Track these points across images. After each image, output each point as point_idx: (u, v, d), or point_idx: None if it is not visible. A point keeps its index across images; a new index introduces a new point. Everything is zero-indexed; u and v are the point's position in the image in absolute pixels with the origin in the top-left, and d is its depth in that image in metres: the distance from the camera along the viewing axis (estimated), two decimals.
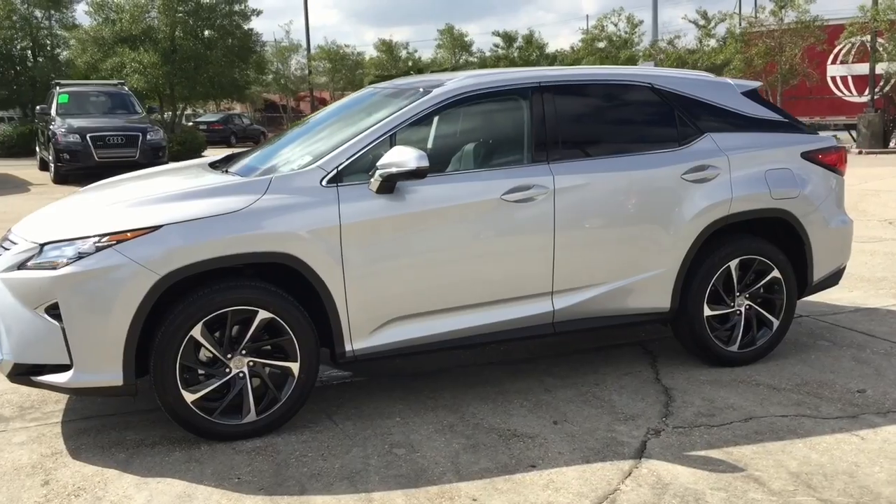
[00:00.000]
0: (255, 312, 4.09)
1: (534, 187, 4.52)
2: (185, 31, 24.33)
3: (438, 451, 4.03)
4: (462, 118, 4.86)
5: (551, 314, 4.66)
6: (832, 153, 5.31)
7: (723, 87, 5.23)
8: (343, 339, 4.27)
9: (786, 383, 4.86)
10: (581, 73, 5.06)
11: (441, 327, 4.47)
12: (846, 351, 5.42)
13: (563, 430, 4.26)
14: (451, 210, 4.40)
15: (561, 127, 4.71)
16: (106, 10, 25.10)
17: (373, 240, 4.25)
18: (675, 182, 4.84)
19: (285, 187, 4.21)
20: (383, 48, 46.57)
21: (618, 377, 5.02)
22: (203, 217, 4.00)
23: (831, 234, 5.29)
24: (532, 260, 4.57)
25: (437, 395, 4.77)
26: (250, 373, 4.16)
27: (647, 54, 31.85)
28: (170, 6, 23.88)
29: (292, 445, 4.12)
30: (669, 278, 4.87)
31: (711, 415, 4.42)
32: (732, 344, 5.10)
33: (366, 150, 4.34)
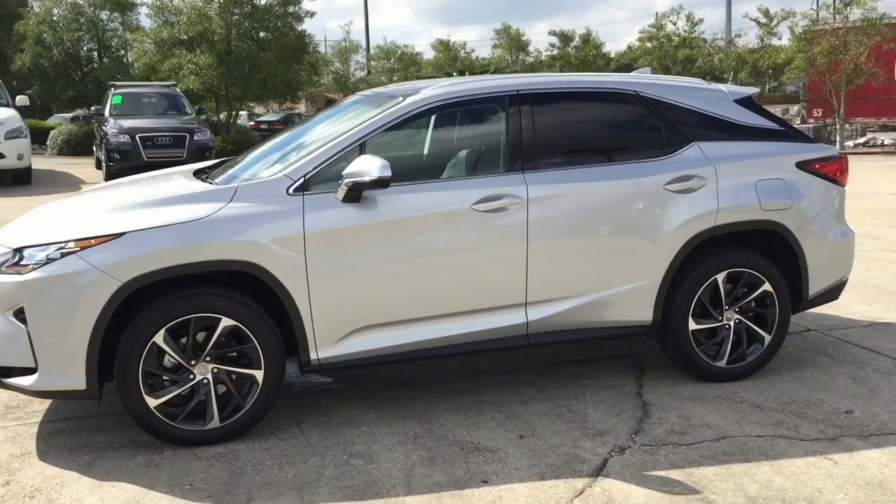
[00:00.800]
0: (219, 320, 4.12)
1: (506, 197, 4.46)
2: (241, 32, 24.70)
3: (395, 463, 4.00)
4: (437, 127, 4.82)
5: (525, 326, 4.59)
6: (831, 163, 5.11)
7: (714, 95, 5.08)
8: (308, 347, 4.28)
9: (771, 401, 4.70)
10: (562, 80, 4.97)
11: (410, 337, 4.44)
12: (845, 368, 5.22)
13: (528, 444, 4.19)
14: (420, 220, 4.37)
15: (538, 135, 4.63)
16: (165, 13, 25.67)
17: (338, 249, 4.24)
18: (657, 192, 4.72)
19: (251, 196, 4.23)
20: (441, 48, 46.65)
21: (599, 391, 4.92)
22: (165, 225, 4.05)
23: (829, 248, 5.10)
24: (505, 271, 4.51)
25: (411, 405, 4.74)
26: (215, 379, 4.19)
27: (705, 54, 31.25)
28: (226, 9, 24.31)
29: (253, 453, 4.14)
30: (651, 291, 4.76)
31: (683, 433, 4.30)
32: (720, 359, 4.95)
33: (334, 158, 4.33)
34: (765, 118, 5.11)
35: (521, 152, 4.58)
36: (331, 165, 4.32)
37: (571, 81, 4.97)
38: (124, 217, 4.12)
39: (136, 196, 4.43)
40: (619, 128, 4.92)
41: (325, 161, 4.32)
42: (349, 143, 4.38)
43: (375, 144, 4.49)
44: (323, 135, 4.69)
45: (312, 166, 4.31)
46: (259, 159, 4.93)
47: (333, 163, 4.33)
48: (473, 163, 4.71)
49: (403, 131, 4.74)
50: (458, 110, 4.73)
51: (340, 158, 4.33)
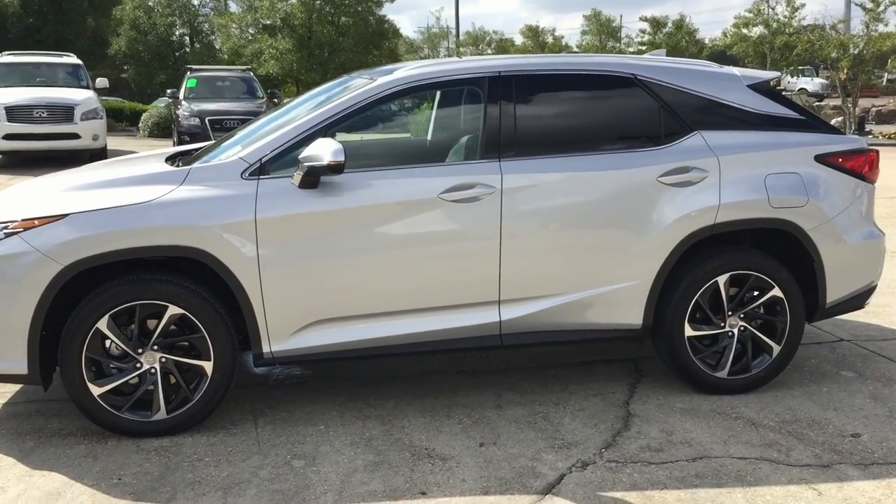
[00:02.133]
0: (166, 307, 3.95)
1: (477, 186, 4.14)
2: (321, 17, 24.83)
3: (337, 467, 3.76)
4: (412, 110, 4.52)
5: (498, 325, 4.27)
6: (857, 157, 4.59)
7: (724, 79, 4.61)
8: (260, 339, 4.07)
9: (771, 419, 4.24)
10: (551, 62, 4.59)
11: (372, 333, 4.18)
12: (868, 385, 4.70)
13: (485, 453, 3.88)
14: (383, 208, 4.10)
15: (520, 121, 4.29)
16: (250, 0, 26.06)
17: (293, 237, 4.01)
18: (649, 185, 4.31)
19: (203, 178, 4.04)
20: (529, 34, 45.97)
21: (584, 397, 4.56)
22: (109, 208, 3.90)
23: (851, 251, 4.58)
24: (475, 266, 4.20)
25: (380, 404, 4.48)
26: (163, 370, 4.03)
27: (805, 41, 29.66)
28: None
29: (197, 448, 3.96)
30: (641, 292, 4.36)
31: (659, 450, 3.91)
32: (721, 369, 4.51)
33: (295, 141, 4.10)
34: (782, 105, 4.61)
35: (498, 139, 4.24)
36: (292, 149, 4.09)
37: (561, 63, 4.59)
38: (71, 198, 3.99)
39: (92, 177, 4.30)
40: (612, 114, 4.51)
41: (284, 144, 4.10)
42: (312, 125, 4.14)
43: (346, 127, 4.24)
44: (294, 116, 4.45)
45: (270, 149, 4.09)
46: (240, 141, 4.74)
47: (294, 146, 4.09)
48: (448, 149, 4.40)
49: (377, 114, 4.46)
50: (435, 93, 4.42)
51: (302, 142, 4.09)
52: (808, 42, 30.61)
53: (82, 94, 16.82)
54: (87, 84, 17.88)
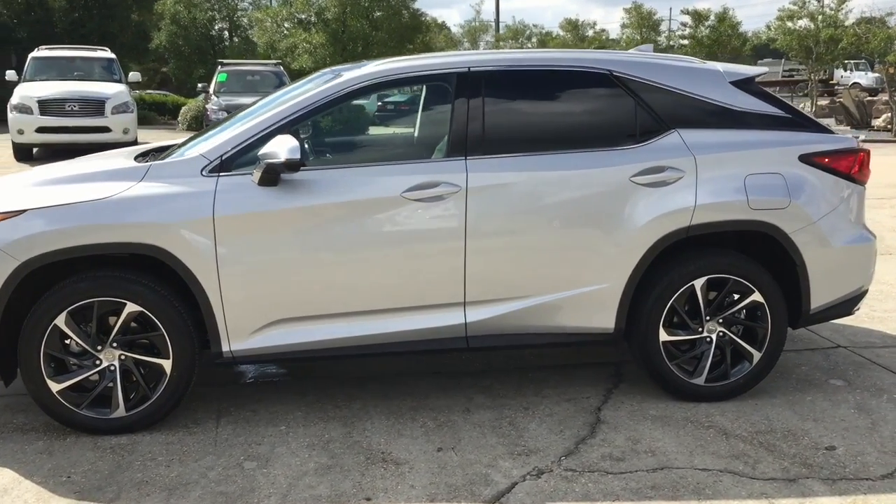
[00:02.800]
0: (124, 305, 3.93)
1: (442, 185, 4.04)
2: (355, 12, 24.85)
3: (287, 469, 3.70)
4: (381, 106, 4.44)
5: (464, 327, 4.17)
6: (845, 157, 4.39)
7: (705, 76, 4.45)
8: (219, 338, 4.02)
9: (745, 428, 4.09)
10: (523, 57, 4.47)
11: (334, 333, 4.11)
12: (856, 395, 4.51)
13: (441, 459, 3.80)
14: (345, 206, 4.02)
15: (489, 118, 4.18)
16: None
17: (252, 235, 3.96)
18: (621, 185, 4.17)
19: (164, 175, 4.01)
20: (569, 28, 45.52)
21: (557, 402, 4.44)
22: (67, 204, 3.88)
23: (837, 254, 4.39)
24: (440, 266, 4.10)
25: (347, 405, 4.42)
26: (122, 367, 4.01)
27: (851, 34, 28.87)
28: None
29: (153, 446, 3.94)
30: (613, 295, 4.22)
31: (620, 459, 3.78)
32: (697, 376, 4.36)
33: (256, 138, 4.04)
34: (767, 103, 4.43)
35: (465, 136, 4.14)
36: (253, 146, 4.03)
37: (534, 59, 4.46)
38: (32, 194, 3.99)
39: (58, 173, 4.29)
40: (585, 111, 4.38)
41: (246, 141, 4.04)
42: (274, 122, 4.08)
43: (312, 123, 4.18)
44: (260, 113, 4.39)
45: (231, 146, 4.05)
46: (211, 136, 4.70)
47: (256, 143, 4.03)
48: (414, 146, 4.33)
49: (345, 110, 4.39)
50: (404, 89, 4.32)
51: (264, 139, 4.02)
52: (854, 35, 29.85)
53: (114, 88, 17.04)
54: (120, 78, 18.10)
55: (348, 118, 4.57)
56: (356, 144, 4.47)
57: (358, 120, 4.58)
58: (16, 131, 16.22)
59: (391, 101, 8.58)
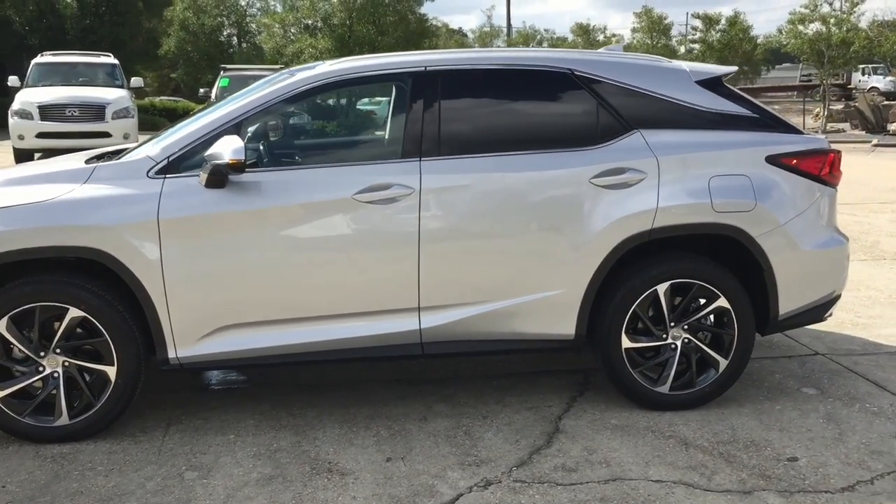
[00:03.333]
0: (66, 310, 3.83)
1: (394, 186, 3.93)
2: (361, 17, 24.83)
3: (228, 480, 3.60)
4: (337, 106, 4.34)
5: (418, 333, 4.06)
6: (813, 158, 4.25)
7: (670, 75, 4.32)
8: (165, 344, 3.93)
9: (707, 438, 3.95)
10: (483, 56, 4.36)
11: (286, 339, 4.01)
12: (827, 404, 4.35)
13: (388, 469, 3.68)
14: (294, 209, 3.92)
15: (445, 119, 4.07)
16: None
17: (199, 238, 3.86)
18: (580, 187, 4.05)
19: (108, 177, 3.92)
20: (580, 32, 45.35)
21: (517, 410, 4.31)
22: (8, 206, 3.80)
23: (806, 259, 4.24)
24: (392, 271, 3.99)
25: (301, 413, 4.31)
26: (66, 374, 3.91)
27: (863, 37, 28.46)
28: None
29: (95, 455, 3.84)
30: (573, 300, 4.10)
31: (573, 470, 3.66)
32: (662, 384, 4.23)
33: (205, 139, 3.95)
34: (734, 103, 4.30)
35: (420, 137, 4.03)
36: (201, 147, 3.94)
37: (493, 58, 4.35)
38: None
39: (4, 176, 4.20)
40: (545, 111, 4.26)
41: (194, 142, 3.95)
42: (222, 122, 3.99)
43: (265, 124, 4.08)
44: (212, 113, 4.30)
45: (178, 147, 3.95)
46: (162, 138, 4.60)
47: (204, 144, 3.93)
48: (370, 147, 4.22)
49: (299, 110, 4.29)
50: (359, 88, 4.23)
51: (212, 139, 3.93)
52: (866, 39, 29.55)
53: (115, 94, 17.04)
54: (122, 83, 18.10)
55: (304, 119, 4.47)
56: (311, 146, 4.38)
57: (314, 121, 4.48)
58: (16, 136, 16.24)
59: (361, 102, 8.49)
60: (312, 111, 4.44)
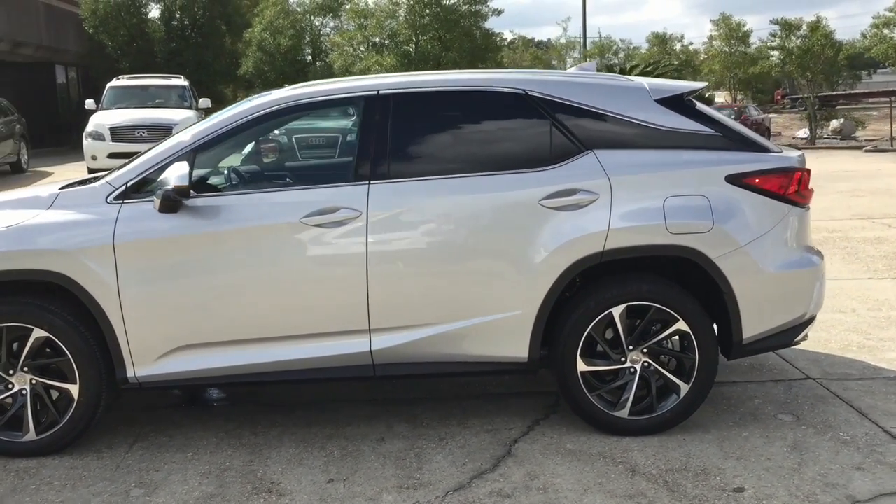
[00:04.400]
0: (31, 330, 4.01)
1: (342, 210, 3.98)
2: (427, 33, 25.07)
3: (170, 498, 3.70)
4: (291, 131, 4.42)
5: (369, 355, 4.09)
6: (777, 176, 4.11)
7: (628, 94, 4.25)
8: (124, 363, 4.06)
9: (658, 466, 3.85)
10: (435, 80, 4.37)
11: (240, 360, 4.09)
12: (798, 432, 4.19)
13: (325, 491, 3.72)
14: (244, 232, 4.01)
15: (395, 142, 4.10)
16: (360, 17, 26.64)
17: (153, 261, 3.99)
18: (530, 209, 4.02)
19: (70, 203, 4.09)
20: (656, 41, 44.62)
21: (475, 433, 4.29)
22: None
23: (771, 281, 4.10)
24: (342, 293, 4.04)
25: (265, 432, 4.39)
26: (33, 391, 4.09)
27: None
28: (414, 10, 24.76)
29: (56, 470, 4.00)
30: (525, 323, 4.06)
31: (508, 496, 3.62)
32: (620, 408, 4.14)
33: (160, 165, 4.08)
34: (695, 121, 4.19)
35: (369, 160, 4.07)
36: (158, 173, 4.07)
37: (445, 81, 4.36)
38: None
39: None
40: (497, 133, 4.24)
41: (150, 168, 4.09)
42: (178, 149, 4.12)
43: (221, 149, 4.20)
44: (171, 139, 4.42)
45: (136, 173, 4.10)
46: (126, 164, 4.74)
47: (160, 170, 4.07)
48: (322, 171, 4.28)
49: (255, 135, 4.40)
50: (315, 113, 4.30)
51: (167, 165, 4.05)
52: None
53: (182, 114, 17.69)
54: (191, 104, 18.78)
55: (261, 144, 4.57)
56: (265, 170, 4.47)
57: (271, 145, 4.58)
58: (90, 157, 17.04)
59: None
60: (271, 135, 4.53)
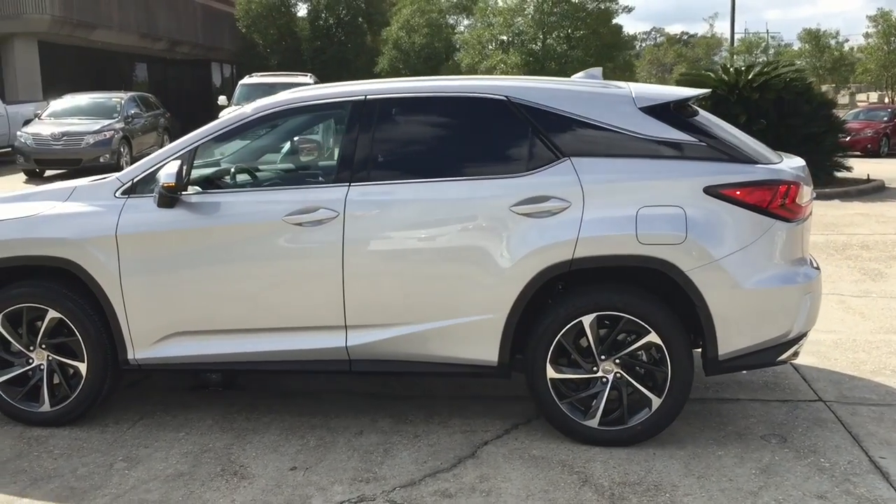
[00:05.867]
0: (46, 311, 4.41)
1: (320, 210, 4.16)
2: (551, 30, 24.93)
3: (145, 473, 3.99)
4: (282, 133, 4.63)
5: (345, 350, 4.25)
6: (759, 189, 3.96)
7: (612, 102, 4.20)
8: (125, 346, 4.40)
9: (612, 478, 3.82)
10: (419, 86, 4.46)
11: (229, 348, 4.35)
12: (777, 455, 4.03)
13: (285, 477, 3.92)
14: (231, 229, 4.26)
15: (377, 146, 4.24)
16: (487, 16, 26.83)
17: (149, 252, 4.30)
18: (501, 215, 4.06)
19: (84, 196, 4.46)
20: (808, 38, 42.33)
21: (451, 433, 4.38)
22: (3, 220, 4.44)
23: (749, 297, 3.96)
24: (320, 290, 4.21)
25: (258, 418, 4.63)
26: (49, 366, 4.49)
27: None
28: (541, 9, 24.71)
29: (61, 440, 4.38)
30: (495, 328, 4.11)
31: (449, 496, 3.70)
32: (591, 418, 4.12)
33: (161, 163, 4.37)
34: (680, 130, 4.10)
35: (352, 163, 4.23)
36: (158, 171, 4.37)
37: (430, 87, 4.44)
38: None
39: (18, 191, 4.87)
40: (477, 139, 4.28)
41: (152, 167, 4.40)
42: (179, 149, 4.41)
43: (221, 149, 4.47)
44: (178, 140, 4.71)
45: (141, 170, 4.42)
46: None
47: (160, 168, 4.36)
48: (310, 172, 4.47)
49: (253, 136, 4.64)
50: (309, 116, 4.49)
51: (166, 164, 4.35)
52: None
53: None
54: None
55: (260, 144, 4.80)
56: (260, 170, 4.70)
57: (266, 146, 4.81)
58: None
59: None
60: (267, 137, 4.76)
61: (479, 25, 28.39)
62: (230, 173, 4.67)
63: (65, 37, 28.03)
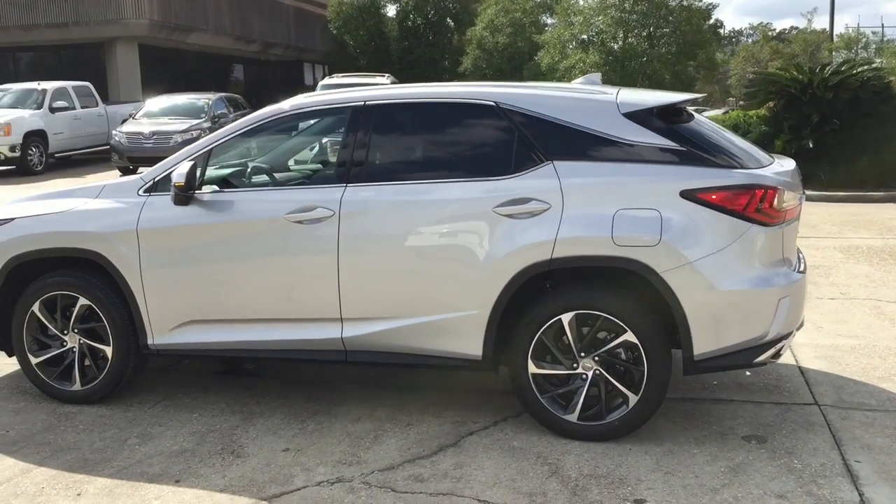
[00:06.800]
0: (77, 298, 4.83)
1: (318, 208, 4.43)
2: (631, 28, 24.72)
3: (152, 449, 4.34)
4: (296, 136, 4.92)
5: (341, 341, 4.52)
6: (735, 193, 4.02)
7: (596, 107, 4.33)
8: (145, 332, 4.78)
9: (581, 470, 3.96)
10: (414, 92, 4.68)
11: (237, 336, 4.68)
12: (751, 455, 4.09)
13: (276, 457, 4.20)
14: (239, 225, 4.58)
15: (373, 149, 4.50)
16: (568, 14, 26.76)
17: (166, 245, 4.66)
18: (484, 215, 4.24)
19: (112, 193, 4.86)
20: None
21: (441, 423, 4.58)
22: (37, 215, 4.88)
23: (724, 299, 4.03)
24: (317, 284, 4.49)
25: (267, 403, 4.93)
26: (81, 349, 4.92)
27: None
28: (623, 7, 24.52)
29: (89, 416, 4.79)
30: (479, 323, 4.30)
31: (421, 480, 3.92)
32: (570, 412, 4.27)
33: (178, 164, 4.73)
34: (661, 136, 4.19)
35: (350, 164, 4.50)
36: None
37: (425, 93, 4.67)
38: (25, 205, 5.05)
39: (57, 189, 5.31)
40: (466, 143, 4.48)
41: (171, 167, 4.76)
42: (195, 150, 4.76)
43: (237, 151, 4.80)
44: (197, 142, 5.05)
45: (162, 170, 4.79)
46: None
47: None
48: (312, 172, 4.75)
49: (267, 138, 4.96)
50: (315, 121, 4.78)
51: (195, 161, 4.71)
52: None
53: None
54: None
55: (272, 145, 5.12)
56: (270, 170, 5.00)
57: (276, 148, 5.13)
58: None
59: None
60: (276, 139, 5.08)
61: (559, 25, 28.39)
62: (245, 173, 4.99)
63: (163, 40, 29.36)
